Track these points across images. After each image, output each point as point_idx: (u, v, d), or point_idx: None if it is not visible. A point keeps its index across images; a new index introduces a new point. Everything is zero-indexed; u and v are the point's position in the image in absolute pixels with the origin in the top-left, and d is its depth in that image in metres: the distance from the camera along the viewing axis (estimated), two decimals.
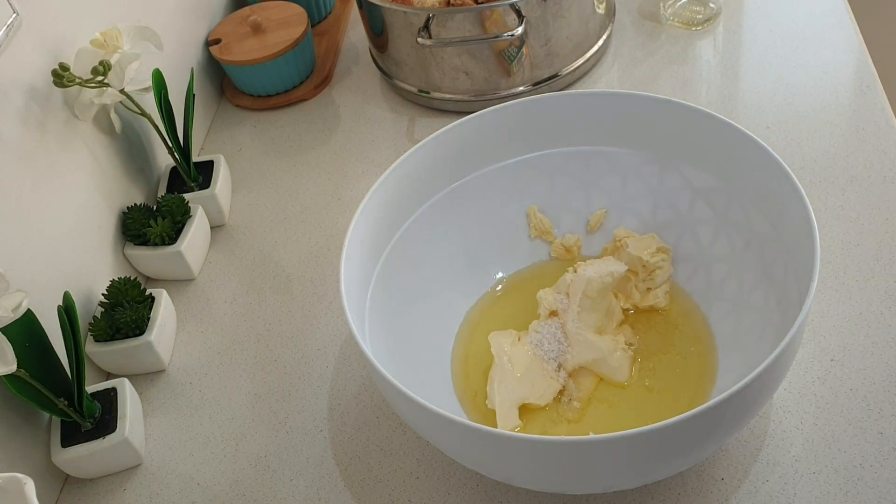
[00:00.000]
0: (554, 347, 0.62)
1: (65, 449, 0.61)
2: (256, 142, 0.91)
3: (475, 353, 0.65)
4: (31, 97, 0.65)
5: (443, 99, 0.87)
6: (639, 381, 0.62)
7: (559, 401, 0.61)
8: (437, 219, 0.67)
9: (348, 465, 0.62)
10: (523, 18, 0.79)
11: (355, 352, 0.69)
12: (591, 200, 0.70)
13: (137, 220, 0.75)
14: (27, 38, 0.65)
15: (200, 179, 0.81)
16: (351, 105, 0.93)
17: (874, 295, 0.65)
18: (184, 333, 0.74)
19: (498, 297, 0.69)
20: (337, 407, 0.66)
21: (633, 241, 0.66)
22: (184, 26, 0.90)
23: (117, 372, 0.70)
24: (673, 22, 0.93)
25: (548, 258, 0.71)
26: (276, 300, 0.75)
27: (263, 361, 0.70)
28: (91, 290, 0.71)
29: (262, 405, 0.67)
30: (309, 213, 0.82)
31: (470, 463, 0.54)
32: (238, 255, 0.80)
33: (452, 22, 0.79)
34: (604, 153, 0.68)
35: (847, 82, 0.83)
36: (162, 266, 0.76)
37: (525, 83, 0.85)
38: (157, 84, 0.75)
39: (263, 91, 0.94)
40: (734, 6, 0.94)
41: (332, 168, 0.86)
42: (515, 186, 0.69)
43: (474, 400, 0.62)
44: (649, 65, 0.90)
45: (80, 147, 0.72)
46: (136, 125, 0.80)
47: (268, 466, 0.63)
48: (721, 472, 0.57)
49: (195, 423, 0.67)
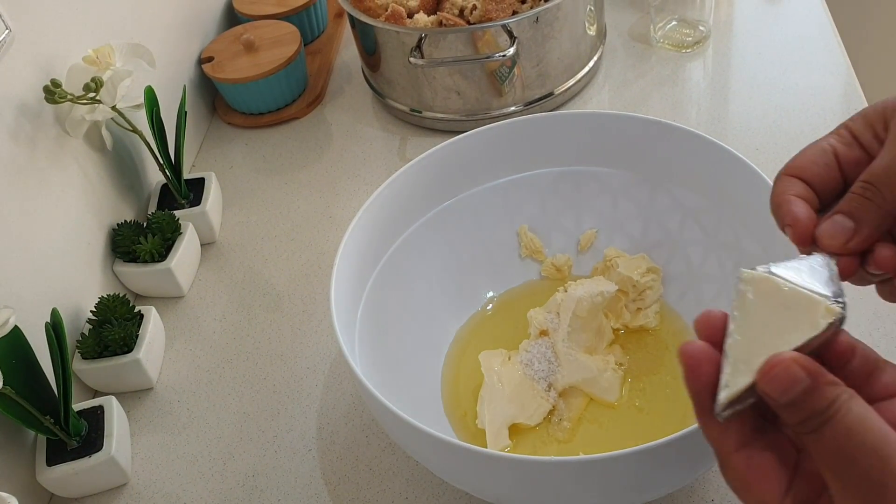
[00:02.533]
0: (544, 367, 0.62)
1: (50, 468, 0.61)
2: (248, 159, 0.91)
3: (465, 372, 0.65)
4: (23, 113, 0.65)
5: (434, 118, 0.88)
6: (629, 401, 0.62)
7: (549, 421, 0.61)
8: (427, 237, 0.67)
9: (337, 485, 0.62)
10: (515, 39, 0.80)
11: (345, 370, 0.69)
12: (581, 220, 0.70)
13: (127, 237, 0.75)
14: (19, 55, 0.65)
15: (191, 196, 0.81)
16: (343, 124, 0.93)
17: (862, 316, 0.65)
18: (172, 351, 0.73)
19: (488, 317, 0.69)
20: (326, 426, 0.65)
21: (623, 260, 0.66)
22: (176, 44, 0.90)
23: (105, 390, 0.70)
24: (663, 44, 0.94)
25: (538, 277, 0.71)
26: (266, 318, 0.75)
27: (252, 380, 0.70)
28: (79, 306, 0.70)
29: (251, 424, 0.67)
30: (300, 231, 0.82)
31: (459, 483, 0.54)
32: (228, 273, 0.80)
33: (444, 42, 0.80)
34: (595, 173, 0.68)
35: (835, 105, 0.84)
36: (151, 283, 0.76)
37: (516, 103, 0.86)
38: (149, 101, 0.75)
39: (255, 109, 0.94)
40: (724, 29, 0.95)
41: (323, 186, 0.86)
42: (506, 206, 0.69)
43: (464, 419, 0.62)
44: (640, 86, 0.90)
45: (71, 163, 0.71)
46: (128, 142, 0.80)
47: (255, 486, 0.63)
48: (711, 493, 0.57)
49: (183, 441, 0.66)
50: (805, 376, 0.32)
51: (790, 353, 0.32)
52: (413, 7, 0.85)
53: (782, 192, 0.41)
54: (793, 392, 0.32)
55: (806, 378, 0.32)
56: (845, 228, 0.38)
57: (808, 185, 0.41)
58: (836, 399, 0.32)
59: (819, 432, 0.31)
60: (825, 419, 0.31)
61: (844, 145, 0.41)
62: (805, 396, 0.32)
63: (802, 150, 0.42)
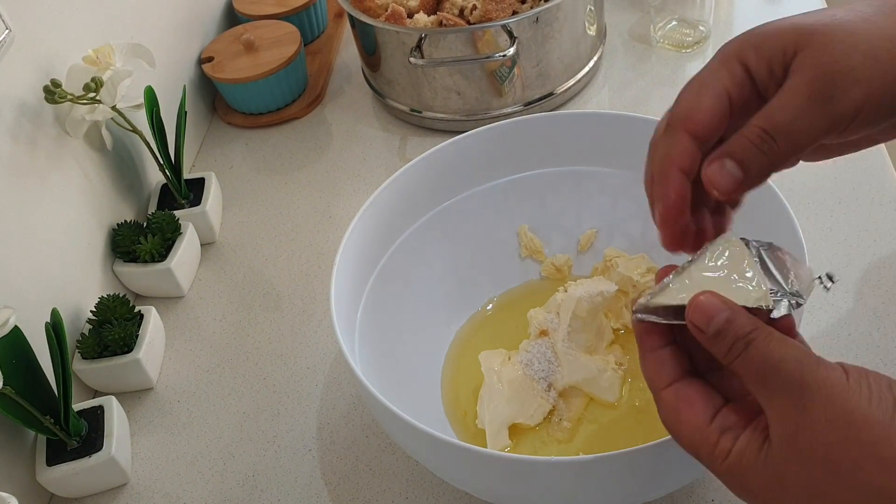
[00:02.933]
0: (544, 367, 0.62)
1: (50, 468, 0.61)
2: (248, 159, 0.91)
3: (465, 372, 0.65)
4: (23, 113, 0.65)
5: (434, 118, 0.88)
6: (629, 401, 0.62)
7: (549, 421, 0.61)
8: (427, 237, 0.67)
9: (337, 485, 0.62)
10: (515, 39, 0.80)
11: (345, 370, 0.69)
12: (581, 220, 0.70)
13: (127, 237, 0.75)
14: (19, 55, 0.65)
15: (191, 196, 0.81)
16: (343, 124, 0.93)
17: (863, 316, 0.65)
18: (172, 351, 0.73)
19: (488, 317, 0.69)
20: (326, 426, 0.65)
21: (623, 260, 0.66)
22: (176, 44, 0.90)
23: (105, 390, 0.70)
24: (663, 44, 0.94)
25: (538, 278, 0.71)
26: (266, 318, 0.75)
27: (252, 380, 0.70)
28: (79, 306, 0.70)
29: (251, 424, 0.67)
30: (300, 230, 0.82)
31: (459, 483, 0.54)
32: (228, 273, 0.80)
33: (444, 42, 0.80)
34: (595, 173, 0.68)
35: None
36: (151, 283, 0.76)
37: (516, 103, 0.86)
38: (149, 101, 0.75)
39: (255, 109, 0.94)
40: (723, 29, 0.95)
41: (323, 186, 0.86)
42: (506, 206, 0.69)
43: (464, 419, 0.62)
44: (640, 86, 0.90)
45: (71, 163, 0.71)
46: (128, 142, 0.80)
47: (255, 486, 0.63)
48: (711, 493, 0.57)
49: (183, 441, 0.66)
50: (726, 307, 0.37)
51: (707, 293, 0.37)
52: (413, 7, 0.85)
53: (670, 161, 0.39)
54: (717, 321, 0.36)
55: (726, 308, 0.37)
56: (735, 179, 0.38)
57: (700, 141, 0.39)
58: (756, 327, 0.36)
59: (745, 353, 0.36)
60: (748, 341, 0.36)
61: (737, 85, 0.39)
62: (727, 325, 0.36)
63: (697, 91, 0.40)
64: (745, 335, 0.36)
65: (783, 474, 0.35)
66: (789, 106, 0.37)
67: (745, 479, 0.36)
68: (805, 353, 0.35)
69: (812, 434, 0.34)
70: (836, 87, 0.36)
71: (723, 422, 0.37)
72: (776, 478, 0.35)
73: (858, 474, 0.33)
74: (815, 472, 0.34)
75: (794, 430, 0.35)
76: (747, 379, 0.36)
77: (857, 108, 0.37)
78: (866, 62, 0.36)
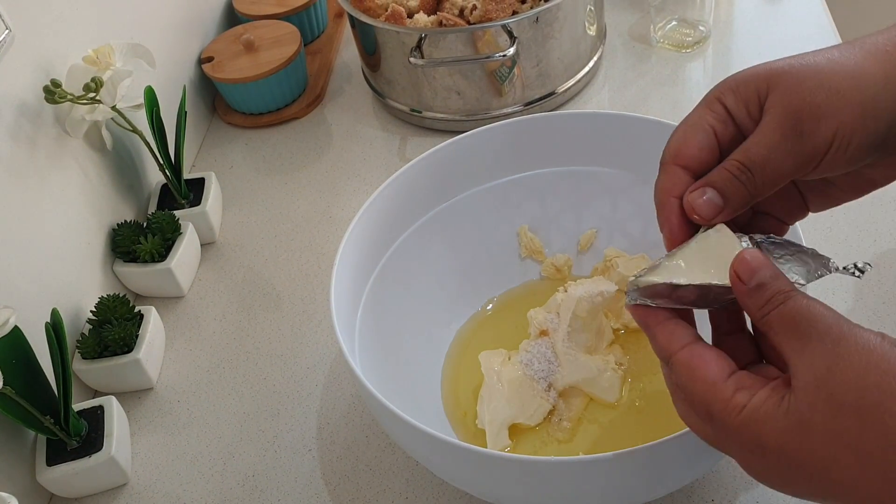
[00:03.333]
0: (544, 367, 0.62)
1: (50, 468, 0.61)
2: (248, 159, 0.91)
3: (465, 372, 0.65)
4: (22, 113, 0.65)
5: (434, 118, 0.88)
6: (629, 401, 0.62)
7: (549, 421, 0.61)
8: (427, 237, 0.67)
9: (337, 485, 0.62)
10: (515, 39, 0.80)
11: (345, 370, 0.69)
12: (581, 220, 0.70)
13: (127, 237, 0.75)
14: (19, 55, 0.65)
15: (191, 196, 0.81)
16: (343, 124, 0.93)
17: (863, 316, 0.65)
18: (172, 351, 0.73)
19: (488, 317, 0.69)
20: (326, 426, 0.65)
21: (623, 261, 0.66)
22: (176, 44, 0.90)
23: (104, 390, 0.70)
24: (663, 44, 0.94)
25: (538, 278, 0.71)
26: (266, 318, 0.75)
27: (252, 380, 0.70)
28: (79, 306, 0.70)
29: (251, 424, 0.67)
30: (300, 231, 0.82)
31: (459, 483, 0.54)
32: (228, 273, 0.80)
33: (444, 42, 0.80)
34: (595, 173, 0.68)
35: None
36: (151, 283, 0.76)
37: (516, 103, 0.86)
38: (149, 101, 0.75)
39: (255, 109, 0.94)
40: (723, 29, 0.95)
41: (323, 186, 0.86)
42: (506, 206, 0.69)
43: (464, 419, 0.62)
44: (640, 86, 0.90)
45: (71, 163, 0.71)
46: (128, 142, 0.80)
47: (255, 486, 0.63)
48: (711, 493, 0.57)
49: (183, 441, 0.66)
50: (772, 266, 0.38)
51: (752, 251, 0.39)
52: (413, 7, 0.85)
53: (667, 191, 0.43)
54: (761, 274, 0.38)
55: (772, 267, 0.38)
56: (715, 205, 0.42)
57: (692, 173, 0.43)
58: (795, 288, 0.38)
59: (783, 306, 0.37)
60: (788, 296, 0.37)
61: (721, 122, 0.43)
62: (772, 280, 0.38)
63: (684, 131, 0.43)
64: (786, 291, 0.37)
65: (807, 421, 0.34)
66: (763, 142, 0.40)
67: (761, 431, 0.36)
68: (841, 315, 0.36)
69: (845, 377, 0.34)
70: (805, 123, 0.39)
71: (739, 380, 0.38)
72: (798, 425, 0.35)
73: (890, 421, 0.33)
74: (844, 417, 0.34)
75: (825, 375, 0.34)
76: (779, 331, 0.37)
77: (827, 143, 0.39)
78: (831, 98, 0.39)
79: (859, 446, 0.33)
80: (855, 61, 0.40)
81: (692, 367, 0.39)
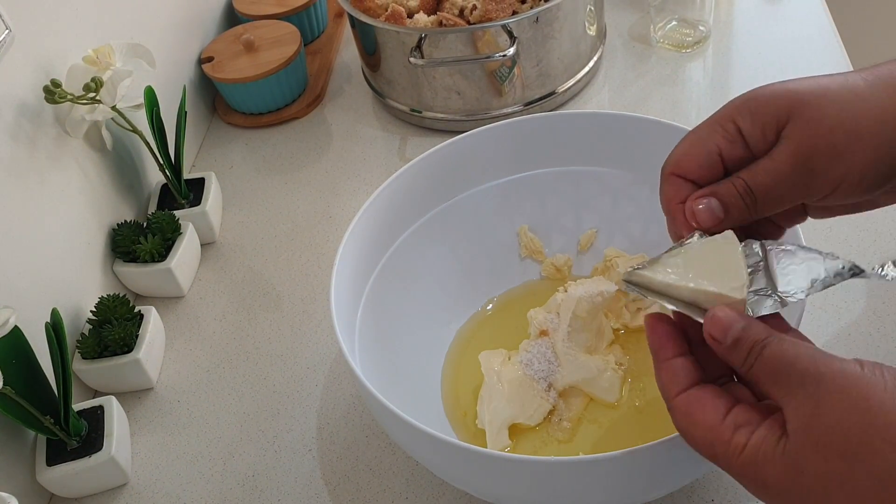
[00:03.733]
0: (544, 367, 0.62)
1: (50, 468, 0.61)
2: (248, 159, 0.91)
3: (465, 372, 0.65)
4: (22, 113, 0.65)
5: (434, 118, 0.88)
6: (629, 401, 0.62)
7: (549, 421, 0.61)
8: (427, 237, 0.67)
9: (337, 485, 0.62)
10: (515, 39, 0.80)
11: (345, 370, 0.69)
12: (581, 220, 0.70)
13: (127, 237, 0.75)
14: (19, 55, 0.65)
15: (191, 196, 0.81)
16: (343, 124, 0.93)
17: (863, 315, 0.65)
18: (172, 351, 0.73)
19: (488, 317, 0.69)
20: (326, 426, 0.65)
21: (623, 260, 0.66)
22: (176, 44, 0.90)
23: (104, 390, 0.70)
24: (663, 44, 0.94)
25: (538, 278, 0.71)
26: (266, 318, 0.75)
27: (252, 380, 0.70)
28: (79, 306, 0.70)
29: (251, 424, 0.67)
30: (300, 231, 0.82)
31: (459, 483, 0.54)
32: (228, 273, 0.80)
33: (444, 42, 0.80)
34: (595, 173, 0.68)
35: None
36: (151, 283, 0.76)
37: (516, 103, 0.86)
38: (149, 101, 0.75)
39: (255, 109, 0.94)
40: (723, 29, 0.95)
41: (323, 186, 0.86)
42: (506, 206, 0.69)
43: (464, 419, 0.62)
44: (640, 86, 0.90)
45: (71, 163, 0.71)
46: (128, 142, 0.80)
47: (255, 486, 0.63)
48: (711, 493, 0.57)
49: (183, 441, 0.66)
50: (741, 318, 0.39)
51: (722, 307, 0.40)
52: (413, 7, 0.85)
53: (671, 200, 0.45)
54: (733, 331, 0.38)
55: (741, 319, 0.39)
56: (716, 216, 0.43)
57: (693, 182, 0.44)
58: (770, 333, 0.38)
59: (761, 357, 0.38)
60: (764, 345, 0.38)
61: (729, 142, 0.43)
62: (744, 333, 0.38)
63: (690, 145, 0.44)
64: (761, 341, 0.38)
65: (801, 465, 0.35)
66: (773, 171, 0.41)
67: (762, 473, 0.37)
68: (818, 350, 0.37)
69: (829, 422, 0.35)
70: (817, 161, 0.40)
71: (736, 418, 0.38)
72: (794, 469, 0.36)
73: (875, 460, 0.34)
74: (832, 460, 0.35)
75: (810, 421, 0.35)
76: (765, 381, 0.38)
77: (835, 183, 0.41)
78: (849, 140, 0.40)
79: (850, 487, 0.34)
80: (878, 99, 0.40)
81: (689, 413, 0.40)
